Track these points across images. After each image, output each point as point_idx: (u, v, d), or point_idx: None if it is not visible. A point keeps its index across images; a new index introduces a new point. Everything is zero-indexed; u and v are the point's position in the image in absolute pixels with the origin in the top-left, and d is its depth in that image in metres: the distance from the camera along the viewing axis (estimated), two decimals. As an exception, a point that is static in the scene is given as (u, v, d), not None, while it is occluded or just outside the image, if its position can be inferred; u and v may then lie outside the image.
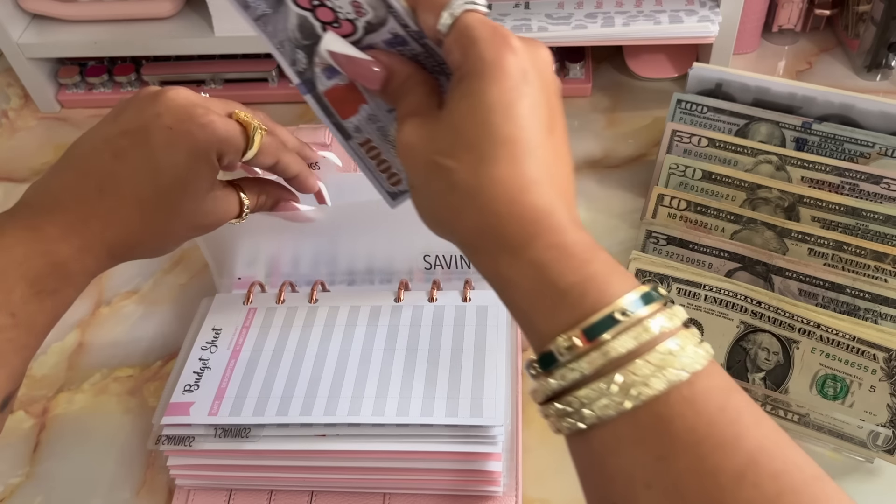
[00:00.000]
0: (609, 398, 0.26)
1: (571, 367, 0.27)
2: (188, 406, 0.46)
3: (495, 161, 0.29)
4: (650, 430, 0.26)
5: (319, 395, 0.45)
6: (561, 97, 0.32)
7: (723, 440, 0.25)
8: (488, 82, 0.29)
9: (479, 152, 0.29)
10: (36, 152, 0.74)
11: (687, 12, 0.64)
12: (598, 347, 0.26)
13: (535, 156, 0.29)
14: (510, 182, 0.29)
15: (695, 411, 0.25)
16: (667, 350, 0.26)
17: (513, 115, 0.29)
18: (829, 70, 0.72)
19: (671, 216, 0.55)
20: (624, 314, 0.26)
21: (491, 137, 0.29)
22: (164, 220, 0.40)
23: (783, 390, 0.47)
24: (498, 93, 0.29)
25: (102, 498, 0.50)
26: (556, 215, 0.29)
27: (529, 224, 0.29)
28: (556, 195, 0.30)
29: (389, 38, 0.33)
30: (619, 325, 0.26)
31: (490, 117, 0.29)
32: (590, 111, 0.71)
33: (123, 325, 0.60)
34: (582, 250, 0.28)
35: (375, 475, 0.45)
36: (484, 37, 0.30)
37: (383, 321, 0.50)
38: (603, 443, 0.27)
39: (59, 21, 0.73)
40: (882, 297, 0.48)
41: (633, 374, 0.26)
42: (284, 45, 0.36)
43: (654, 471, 0.25)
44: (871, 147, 0.55)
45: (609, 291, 0.27)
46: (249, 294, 0.52)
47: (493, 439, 0.43)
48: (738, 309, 0.48)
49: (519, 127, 0.29)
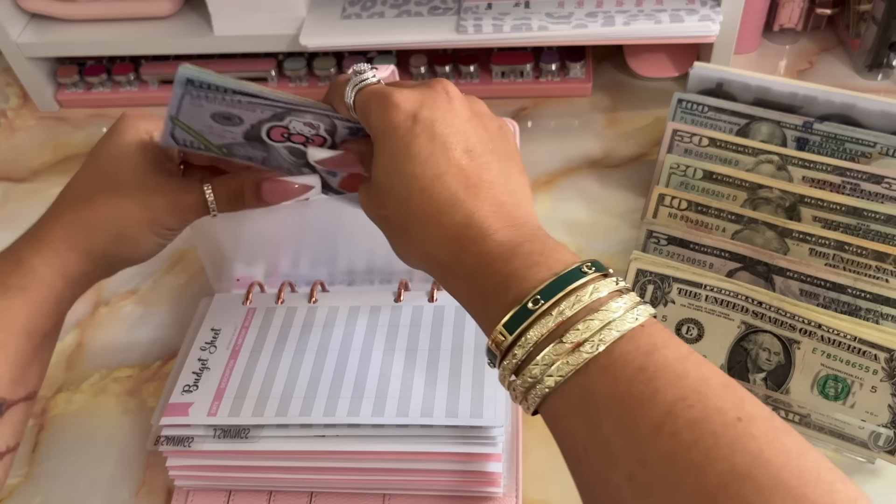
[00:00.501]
0: (536, 385, 0.29)
1: (504, 364, 0.30)
2: (187, 406, 0.46)
3: (409, 198, 0.34)
4: (577, 401, 0.28)
5: (319, 395, 0.45)
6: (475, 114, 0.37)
7: (641, 398, 0.26)
8: (385, 139, 0.35)
9: (395, 195, 0.35)
10: (35, 152, 0.74)
11: (688, 11, 0.64)
12: (518, 340, 0.29)
13: (442, 180, 0.34)
14: (427, 210, 0.34)
15: (613, 377, 0.27)
16: (582, 329, 0.28)
17: (411, 155, 0.34)
18: (831, 69, 0.72)
19: (672, 216, 0.55)
20: (536, 303, 0.29)
21: (400, 179, 0.35)
22: (109, 198, 0.42)
23: (784, 391, 0.47)
24: (394, 143, 0.35)
25: (101, 498, 0.50)
26: (474, 227, 0.33)
27: (453, 241, 0.33)
28: (477, 205, 0.33)
29: (348, 131, 0.41)
30: (533, 316, 0.29)
31: (394, 163, 0.35)
32: (590, 111, 0.71)
33: (122, 325, 0.59)
34: (503, 252, 0.32)
35: (375, 476, 0.45)
36: (373, 105, 0.36)
37: (383, 321, 0.49)
38: (549, 419, 0.30)
39: (58, 20, 0.73)
40: (883, 298, 0.48)
41: (550, 355, 0.28)
42: (292, 169, 0.44)
43: (587, 437, 0.28)
44: (873, 147, 0.55)
45: (524, 286, 0.30)
46: (249, 294, 0.52)
47: (493, 440, 0.43)
48: (739, 309, 0.48)
49: (419, 162, 0.34)
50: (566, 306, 0.29)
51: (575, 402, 0.28)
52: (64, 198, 0.43)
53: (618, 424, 0.27)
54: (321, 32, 0.68)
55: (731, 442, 0.25)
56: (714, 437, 0.25)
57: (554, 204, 0.63)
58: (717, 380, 0.27)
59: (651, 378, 0.27)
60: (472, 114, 0.37)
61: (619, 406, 0.27)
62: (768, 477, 0.24)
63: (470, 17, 0.66)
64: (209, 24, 0.70)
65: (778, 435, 0.25)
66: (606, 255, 0.59)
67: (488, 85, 0.72)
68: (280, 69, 0.75)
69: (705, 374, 0.27)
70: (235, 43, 0.70)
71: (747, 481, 0.24)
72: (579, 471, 0.29)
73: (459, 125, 0.36)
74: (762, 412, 0.26)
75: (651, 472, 0.25)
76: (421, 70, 0.72)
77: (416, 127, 0.35)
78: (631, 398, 0.27)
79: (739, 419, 0.25)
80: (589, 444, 0.28)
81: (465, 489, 0.45)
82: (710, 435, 0.25)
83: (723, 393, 0.26)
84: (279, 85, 0.75)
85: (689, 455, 0.25)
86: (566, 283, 0.29)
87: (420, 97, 0.36)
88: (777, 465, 0.24)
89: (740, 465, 0.24)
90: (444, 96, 0.36)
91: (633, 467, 0.26)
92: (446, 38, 0.66)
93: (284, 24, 0.68)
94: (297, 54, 0.74)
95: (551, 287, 0.29)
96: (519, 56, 0.72)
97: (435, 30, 0.66)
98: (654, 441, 0.26)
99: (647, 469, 0.25)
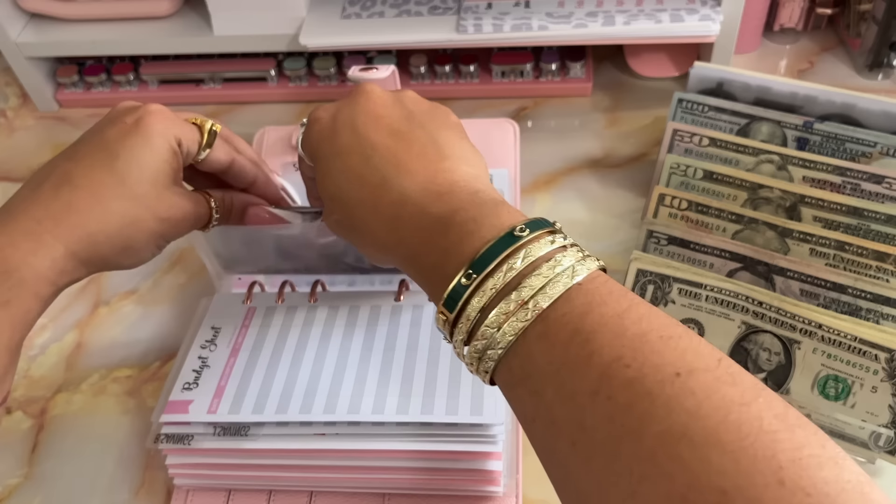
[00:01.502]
0: (483, 358, 0.29)
1: (454, 341, 0.30)
2: (187, 404, 0.46)
3: (348, 192, 0.35)
4: (520, 372, 0.28)
5: (319, 393, 0.45)
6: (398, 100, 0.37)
7: (577, 363, 0.26)
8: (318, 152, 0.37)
9: (338, 195, 0.36)
10: (34, 152, 0.74)
11: (688, 11, 0.64)
12: (459, 317, 0.29)
13: (371, 164, 0.34)
14: (364, 199, 0.34)
15: (550, 344, 0.27)
16: (514, 298, 0.28)
17: (338, 151, 0.36)
18: (831, 69, 0.72)
19: (672, 216, 0.55)
20: (469, 277, 0.29)
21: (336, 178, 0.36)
22: (125, 206, 0.38)
23: (784, 391, 0.47)
24: (324, 149, 0.37)
25: (101, 499, 0.50)
26: (408, 203, 0.33)
27: (393, 222, 0.33)
28: (409, 180, 0.33)
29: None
30: (468, 291, 0.29)
31: (329, 166, 0.36)
32: (590, 110, 0.71)
33: (122, 325, 0.59)
34: (440, 225, 0.31)
35: (375, 474, 0.45)
36: (304, 133, 0.39)
37: (383, 321, 0.49)
38: (501, 389, 0.30)
39: (57, 20, 0.73)
40: (884, 298, 0.48)
41: (489, 328, 0.28)
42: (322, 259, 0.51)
43: (532, 406, 0.27)
44: (873, 147, 0.55)
45: (459, 260, 0.30)
46: (249, 293, 0.52)
47: (493, 438, 0.43)
48: (740, 309, 0.48)
49: (346, 155, 0.35)
50: (499, 277, 0.28)
51: (518, 373, 0.28)
52: (72, 191, 0.37)
53: (558, 392, 0.26)
54: (321, 32, 0.68)
55: (668, 400, 0.23)
56: (650, 396, 0.24)
57: (554, 204, 0.63)
58: (657, 333, 0.25)
59: (586, 340, 0.26)
60: (396, 100, 0.37)
61: (557, 373, 0.26)
62: (704, 434, 0.22)
63: (470, 16, 0.66)
64: (209, 23, 0.69)
65: (720, 387, 0.23)
66: (607, 254, 0.59)
67: (488, 85, 0.72)
68: (280, 69, 0.75)
69: (643, 329, 0.26)
70: (235, 43, 0.70)
71: (682, 441, 0.23)
72: (532, 440, 0.28)
73: (381, 111, 0.36)
74: (705, 362, 0.24)
75: (591, 437, 0.25)
76: (421, 70, 0.72)
77: (337, 126, 0.36)
78: (568, 364, 0.26)
79: (678, 374, 0.24)
80: (535, 414, 0.27)
81: (465, 488, 0.45)
82: (646, 395, 0.24)
83: (662, 347, 0.25)
84: (278, 85, 0.75)
85: (625, 419, 0.24)
86: (498, 252, 0.29)
87: (338, 103, 0.37)
88: (715, 421, 0.23)
89: (676, 425, 0.23)
90: (362, 94, 0.37)
91: (575, 434, 0.25)
92: (446, 38, 0.66)
93: (284, 23, 0.68)
94: (297, 54, 0.74)
95: (482, 259, 0.29)
96: (519, 56, 0.72)
97: (435, 29, 0.66)
98: (592, 406, 0.25)
99: (587, 435, 0.25)
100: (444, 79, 0.73)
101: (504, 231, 0.29)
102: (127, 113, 0.41)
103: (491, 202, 0.32)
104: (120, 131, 0.39)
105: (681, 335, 0.26)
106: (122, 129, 0.39)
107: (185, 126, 0.41)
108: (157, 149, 0.39)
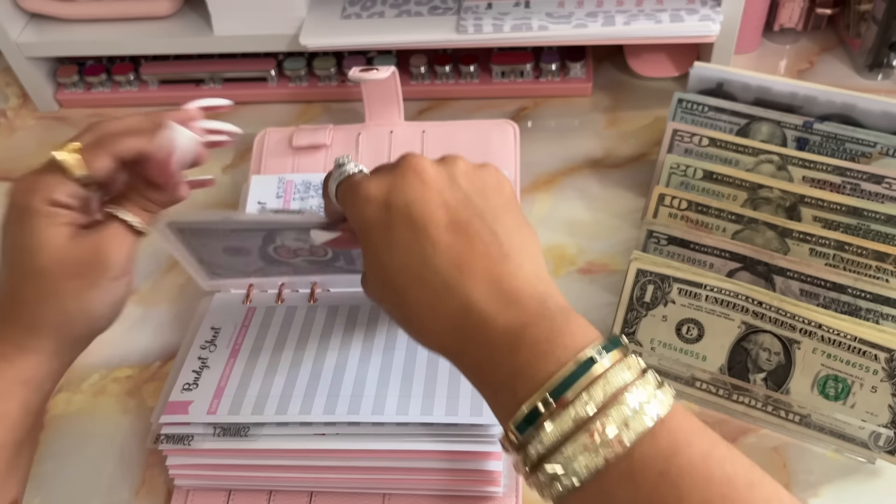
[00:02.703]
0: (554, 483, 0.27)
1: (518, 460, 0.29)
2: (187, 405, 0.46)
3: (403, 291, 0.33)
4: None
5: (319, 393, 0.45)
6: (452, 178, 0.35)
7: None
8: (366, 236, 0.35)
9: (389, 290, 0.34)
10: (34, 152, 0.74)
11: (688, 11, 0.64)
12: (531, 441, 0.28)
13: (431, 266, 0.32)
14: (423, 301, 0.32)
15: (634, 483, 0.26)
16: (596, 429, 0.27)
17: (392, 245, 0.33)
18: (831, 69, 0.72)
19: (672, 216, 0.55)
20: (546, 404, 0.28)
21: (389, 274, 0.33)
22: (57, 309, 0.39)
23: (784, 391, 0.47)
24: (374, 238, 0.34)
25: (101, 499, 0.50)
26: (473, 314, 0.31)
27: (456, 332, 0.32)
28: (473, 287, 0.31)
29: None
30: (544, 417, 0.28)
31: (379, 258, 0.34)
32: (590, 110, 0.71)
33: (122, 325, 0.59)
34: (508, 341, 0.30)
35: (375, 475, 0.45)
36: (348, 202, 0.36)
37: (383, 321, 0.49)
38: None
39: (57, 20, 0.73)
40: (883, 298, 0.48)
41: (566, 458, 0.27)
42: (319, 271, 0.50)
43: None
44: (873, 147, 0.55)
45: (533, 384, 0.28)
46: (249, 293, 0.52)
47: (493, 438, 0.43)
48: (740, 309, 0.48)
49: (402, 253, 0.33)
50: (580, 406, 0.27)
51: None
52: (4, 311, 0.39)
53: None
54: (321, 32, 0.68)
55: None
56: None
57: (554, 204, 0.63)
58: (743, 479, 0.26)
59: (675, 485, 0.26)
60: (450, 179, 0.34)
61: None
62: None
63: (470, 16, 0.66)
64: (209, 23, 0.69)
65: None
66: (607, 254, 0.59)
67: (488, 85, 0.72)
68: (280, 69, 0.75)
69: (729, 474, 0.26)
70: (235, 43, 0.70)
71: None
72: None
73: (436, 199, 0.33)
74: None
75: None
76: (421, 70, 0.72)
77: (390, 215, 0.33)
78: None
79: None
80: None
81: (466, 488, 0.45)
82: None
83: (749, 494, 0.26)
84: (278, 85, 0.75)
85: None
86: (576, 379, 0.28)
87: (390, 182, 0.34)
88: None
89: None
90: (412, 173, 0.34)
91: None
92: (446, 38, 0.66)
93: (284, 23, 0.68)
94: (297, 54, 0.74)
95: (561, 387, 0.28)
96: (519, 56, 0.72)
97: (435, 30, 0.66)
98: None
99: None
100: (444, 79, 0.73)
101: (581, 356, 0.28)
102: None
103: (560, 315, 0.31)
104: (5, 230, 0.39)
105: (763, 482, 0.26)
106: (5, 226, 0.39)
107: (44, 178, 0.39)
108: (36, 227, 0.38)
